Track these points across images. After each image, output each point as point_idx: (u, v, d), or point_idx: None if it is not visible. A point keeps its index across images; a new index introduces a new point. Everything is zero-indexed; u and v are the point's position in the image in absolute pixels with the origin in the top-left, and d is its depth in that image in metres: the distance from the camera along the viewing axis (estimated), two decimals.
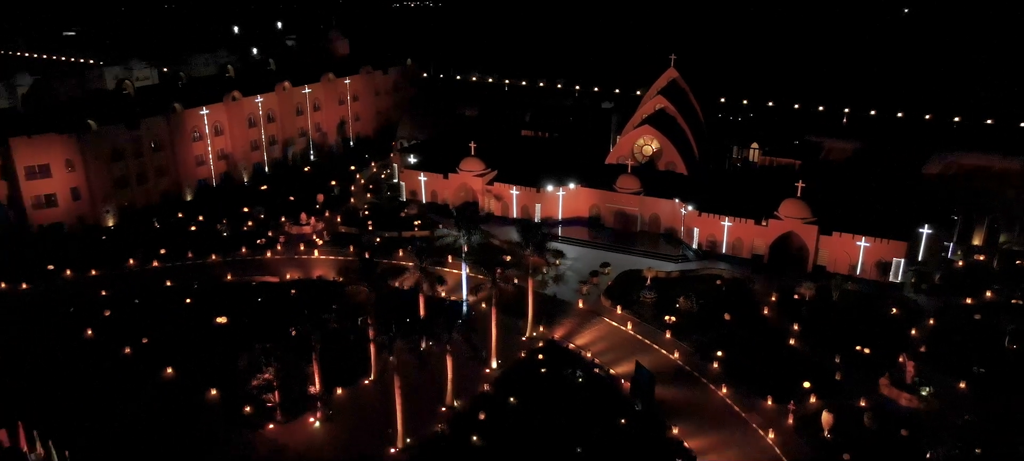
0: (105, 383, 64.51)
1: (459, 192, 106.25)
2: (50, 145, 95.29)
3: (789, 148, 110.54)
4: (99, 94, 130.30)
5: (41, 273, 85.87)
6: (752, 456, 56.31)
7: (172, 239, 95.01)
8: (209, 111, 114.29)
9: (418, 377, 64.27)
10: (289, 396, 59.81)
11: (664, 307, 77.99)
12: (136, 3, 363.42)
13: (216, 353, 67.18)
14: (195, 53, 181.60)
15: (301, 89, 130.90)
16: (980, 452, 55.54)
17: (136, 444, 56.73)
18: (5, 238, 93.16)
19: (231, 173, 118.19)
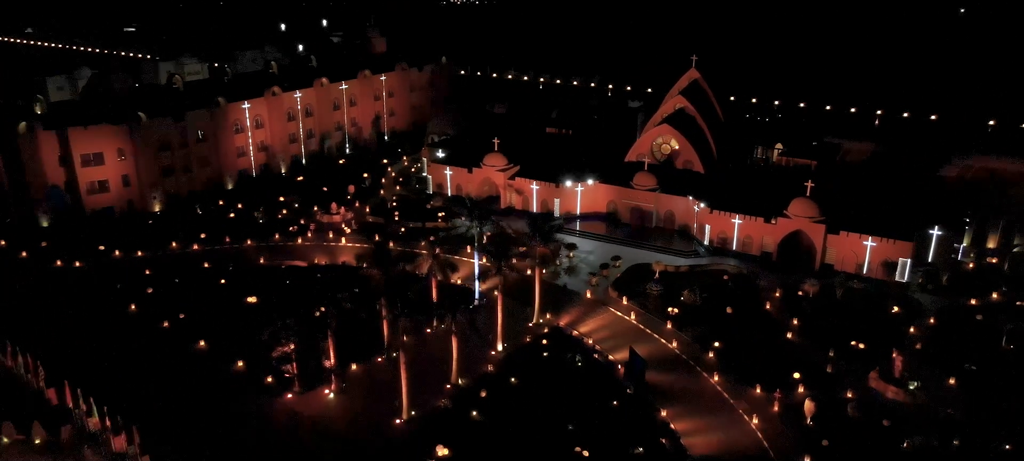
0: (144, 352, 70.81)
1: (483, 186, 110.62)
2: (103, 135, 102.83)
3: (807, 149, 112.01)
4: (151, 88, 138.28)
5: (93, 253, 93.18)
6: (734, 439, 59.38)
7: (212, 225, 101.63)
8: (250, 105, 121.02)
9: (427, 356, 69.22)
10: (306, 369, 65.03)
11: (669, 299, 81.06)
12: (191, 1, 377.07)
13: (244, 329, 72.75)
14: (242, 49, 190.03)
15: (338, 85, 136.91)
16: (958, 444, 57.57)
17: (168, 405, 62.52)
18: (62, 220, 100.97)
19: (270, 164, 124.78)
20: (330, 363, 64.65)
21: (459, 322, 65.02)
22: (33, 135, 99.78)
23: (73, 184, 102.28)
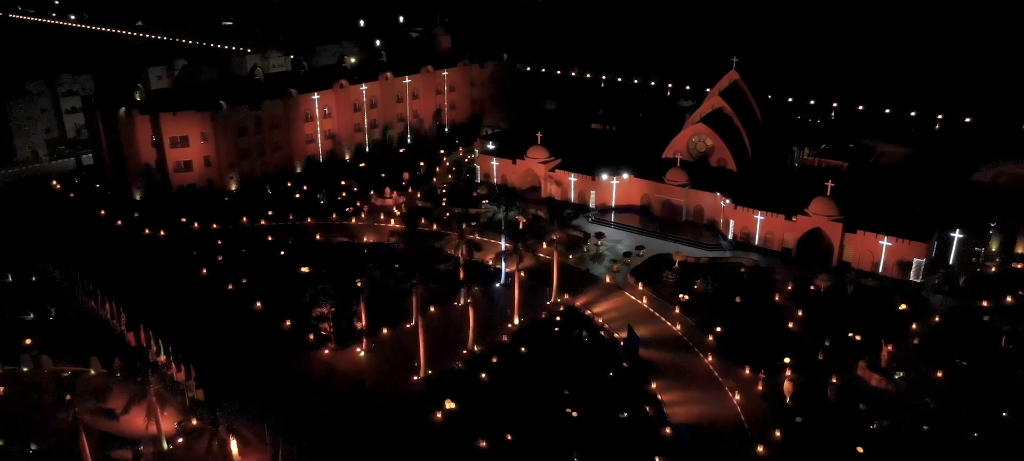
0: (209, 308, 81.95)
1: (525, 177, 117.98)
2: (189, 120, 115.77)
3: (841, 151, 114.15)
4: (235, 79, 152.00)
5: (175, 224, 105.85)
6: (715, 412, 64.90)
7: (278, 203, 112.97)
8: (319, 96, 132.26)
9: (450, 324, 77.37)
10: (342, 329, 74.25)
11: (684, 288, 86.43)
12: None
13: (295, 294, 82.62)
14: (323, 44, 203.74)
15: (402, 79, 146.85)
16: (926, 429, 61.30)
17: (225, 354, 72.90)
18: (152, 195, 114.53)
19: (335, 151, 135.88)
20: (361, 325, 73.60)
21: (476, 295, 72.84)
22: (131, 119, 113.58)
23: (162, 163, 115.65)
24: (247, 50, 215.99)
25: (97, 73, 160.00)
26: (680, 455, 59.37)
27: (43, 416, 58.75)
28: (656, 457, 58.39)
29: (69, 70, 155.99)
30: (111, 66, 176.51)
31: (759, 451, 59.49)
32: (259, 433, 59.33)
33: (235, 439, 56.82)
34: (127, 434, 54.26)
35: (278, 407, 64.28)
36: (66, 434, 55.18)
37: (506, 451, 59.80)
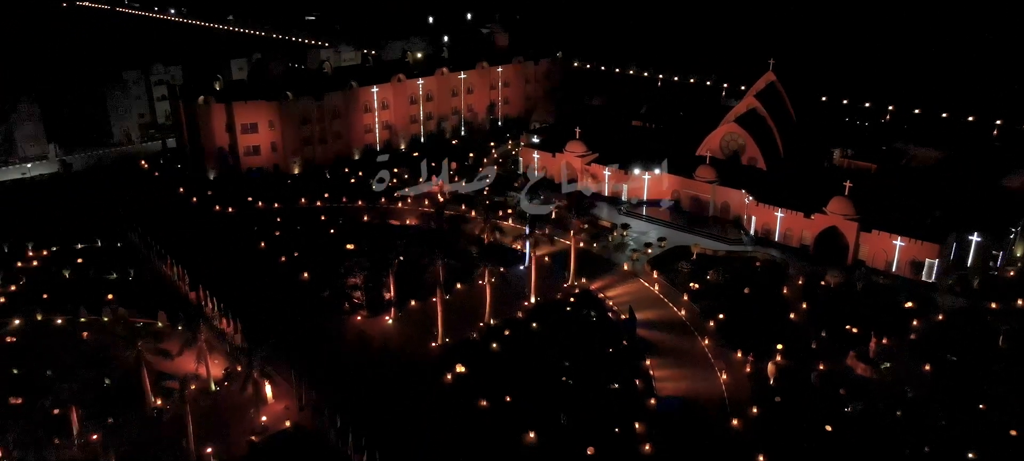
0: (262, 276, 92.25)
1: (564, 169, 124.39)
2: (259, 109, 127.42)
3: (870, 152, 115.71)
4: (304, 71, 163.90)
5: (243, 202, 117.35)
6: (700, 388, 70.20)
7: (335, 187, 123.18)
8: (378, 89, 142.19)
9: (473, 299, 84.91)
10: (374, 300, 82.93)
11: (697, 277, 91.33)
12: None
13: (337, 268, 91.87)
14: (391, 39, 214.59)
15: (457, 75, 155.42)
16: (899, 414, 64.99)
17: (272, 315, 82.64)
18: (224, 175, 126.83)
19: (392, 140, 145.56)
20: (389, 295, 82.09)
21: (494, 274, 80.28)
22: (208, 107, 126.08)
23: (234, 147, 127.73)
24: (323, 44, 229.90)
25: (186, 64, 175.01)
26: (661, 424, 65.09)
27: (114, 356, 69.38)
28: (636, 423, 64.29)
29: (162, 61, 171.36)
30: (199, 57, 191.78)
31: (734, 424, 64.58)
32: (290, 381, 68.48)
33: (268, 383, 66.09)
34: (180, 374, 64.04)
35: (311, 362, 73.35)
36: (131, 370, 65.56)
37: (503, 411, 66.85)
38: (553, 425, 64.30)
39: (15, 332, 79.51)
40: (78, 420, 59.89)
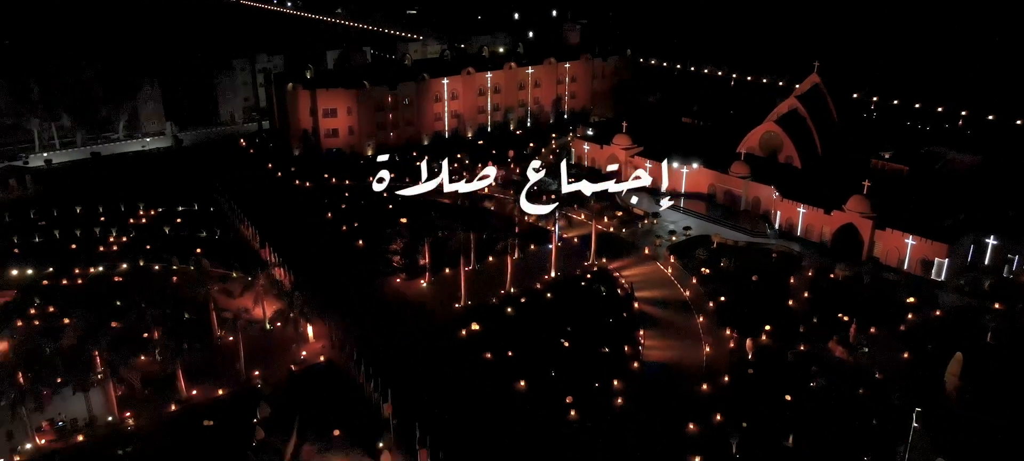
0: (323, 243, 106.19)
1: (610, 161, 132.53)
2: (338, 96, 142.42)
3: (905, 155, 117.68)
4: (386, 61, 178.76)
5: (320, 178, 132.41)
6: (684, 357, 77.87)
7: (401, 169, 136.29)
8: (448, 81, 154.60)
9: (499, 271, 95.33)
10: (411, 264, 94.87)
11: (712, 264, 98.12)
12: None
13: (388, 238, 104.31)
14: (477, 34, 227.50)
15: (524, 69, 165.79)
16: (861, 392, 70.65)
17: (326, 274, 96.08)
18: (306, 154, 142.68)
19: (459, 129, 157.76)
20: (424, 262, 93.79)
21: (514, 249, 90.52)
22: (295, 92, 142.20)
23: (316, 129, 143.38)
24: (415, 37, 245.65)
25: (287, 53, 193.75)
26: (641, 384, 73.51)
27: (192, 295, 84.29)
28: (616, 380, 73.02)
29: (267, 51, 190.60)
30: (300, 48, 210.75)
31: (703, 388, 72.20)
32: (328, 326, 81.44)
33: (309, 324, 79.19)
34: (238, 311, 78.07)
35: (351, 312, 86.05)
36: (202, 307, 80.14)
37: (504, 363, 77.01)
38: (543, 378, 73.97)
39: (122, 273, 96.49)
40: (160, 341, 74.64)
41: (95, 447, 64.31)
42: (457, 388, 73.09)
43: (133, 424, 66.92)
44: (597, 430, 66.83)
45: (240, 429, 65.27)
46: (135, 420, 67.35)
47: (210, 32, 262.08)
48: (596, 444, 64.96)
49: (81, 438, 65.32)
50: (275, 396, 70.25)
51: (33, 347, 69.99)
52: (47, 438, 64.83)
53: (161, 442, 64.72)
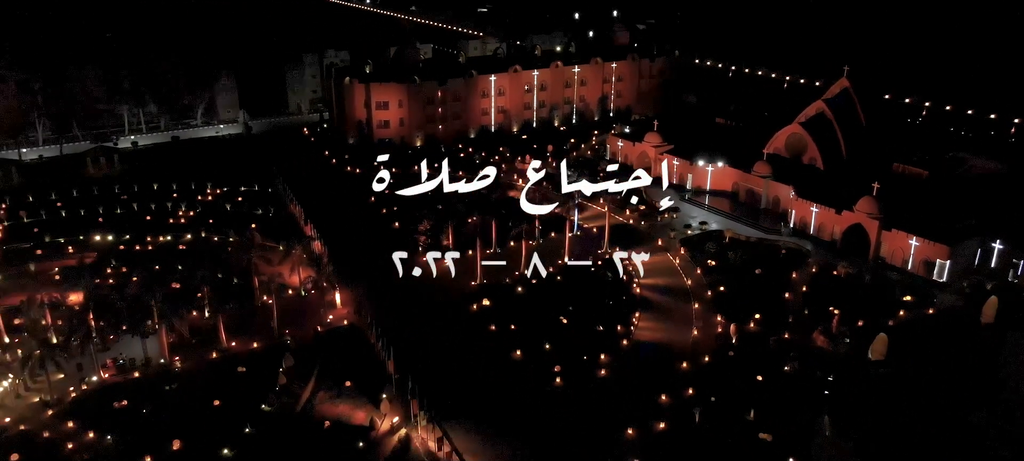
0: (364, 223, 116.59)
1: (641, 158, 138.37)
2: (390, 90, 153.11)
3: (925, 160, 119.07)
4: (441, 57, 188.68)
5: (370, 165, 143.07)
6: (672, 338, 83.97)
7: (447, 159, 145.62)
8: (496, 78, 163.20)
9: (517, 255, 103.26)
10: (436, 244, 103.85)
11: (720, 257, 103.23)
12: None
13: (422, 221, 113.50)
14: (536, 33, 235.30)
15: (571, 68, 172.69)
16: (830, 379, 75.28)
17: (363, 248, 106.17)
18: (360, 143, 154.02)
19: (504, 124, 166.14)
20: (447, 242, 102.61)
21: (525, 234, 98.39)
22: (351, 85, 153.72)
23: (369, 120, 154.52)
24: (477, 34, 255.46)
25: (353, 49, 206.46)
26: (632, 361, 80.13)
27: (237, 262, 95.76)
28: (603, 355, 79.89)
29: (334, 46, 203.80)
30: (366, 43, 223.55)
31: (683, 366, 78.26)
32: (355, 295, 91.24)
33: (338, 291, 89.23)
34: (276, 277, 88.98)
35: (379, 283, 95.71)
36: (246, 272, 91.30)
37: (506, 335, 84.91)
38: (538, 350, 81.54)
39: (185, 243, 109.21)
40: (208, 301, 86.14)
41: (147, 383, 75.77)
42: (459, 353, 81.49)
43: (179, 366, 78.21)
44: (577, 397, 73.99)
45: (267, 376, 75.65)
46: (181, 363, 78.66)
47: (287, 27, 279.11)
48: (573, 408, 72.14)
49: (136, 374, 76.99)
50: (300, 350, 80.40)
51: (105, 299, 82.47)
52: (110, 372, 76.73)
53: (200, 382, 75.70)
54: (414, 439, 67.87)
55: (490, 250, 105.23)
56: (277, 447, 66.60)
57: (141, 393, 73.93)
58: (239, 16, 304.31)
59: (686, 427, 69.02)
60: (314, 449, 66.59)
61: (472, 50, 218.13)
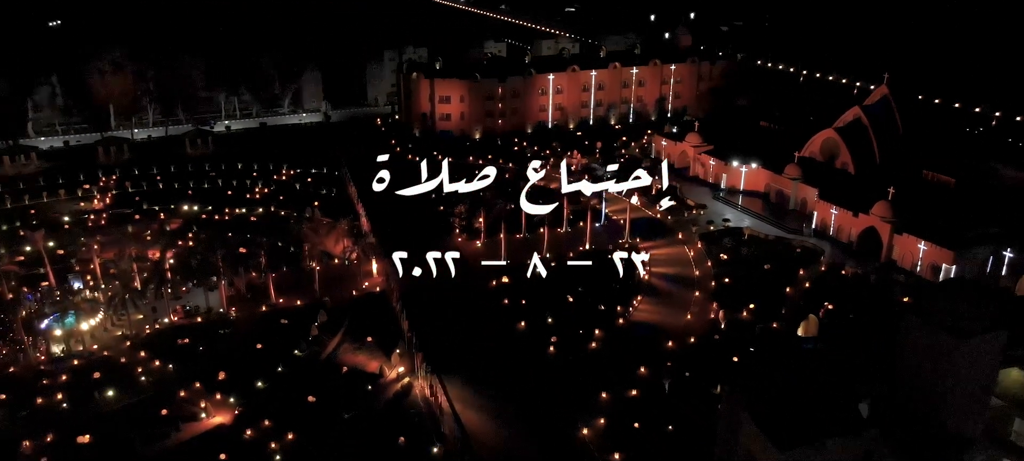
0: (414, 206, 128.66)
1: (681, 157, 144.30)
2: (453, 85, 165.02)
3: (952, 168, 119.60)
4: (507, 56, 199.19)
5: (430, 154, 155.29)
6: (666, 320, 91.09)
7: (500, 151, 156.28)
8: (554, 77, 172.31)
9: (544, 239, 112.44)
10: (470, 227, 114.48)
11: (734, 252, 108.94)
12: None
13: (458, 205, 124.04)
14: (611, 34, 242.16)
15: (629, 69, 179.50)
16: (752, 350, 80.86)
17: (404, 228, 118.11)
18: (424, 134, 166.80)
19: (561, 121, 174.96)
20: (478, 224, 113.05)
21: (548, 221, 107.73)
22: (417, 80, 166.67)
23: (433, 113, 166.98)
24: (555, 32, 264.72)
25: (431, 46, 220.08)
26: (627, 339, 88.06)
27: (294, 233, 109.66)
28: (597, 330, 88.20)
29: (414, 43, 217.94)
30: (446, 40, 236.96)
31: (669, 345, 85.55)
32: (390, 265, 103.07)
33: (375, 261, 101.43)
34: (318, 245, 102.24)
35: (413, 258, 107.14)
36: (298, 241, 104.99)
37: (517, 308, 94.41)
38: (540, 322, 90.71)
39: (258, 216, 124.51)
40: (265, 263, 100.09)
41: (207, 327, 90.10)
42: (469, 322, 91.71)
43: (234, 315, 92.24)
44: (566, 365, 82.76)
45: (303, 328, 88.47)
46: (236, 313, 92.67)
47: (378, 23, 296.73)
48: (560, 375, 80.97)
49: (199, 320, 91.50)
50: (335, 310, 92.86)
51: (181, 257, 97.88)
52: (177, 316, 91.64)
53: (249, 329, 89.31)
54: (415, 386, 78.75)
55: (519, 235, 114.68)
56: (302, 385, 78.90)
57: (200, 335, 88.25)
58: (333, 11, 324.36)
59: (655, 395, 76.63)
60: (331, 389, 78.47)
61: (545, 49, 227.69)
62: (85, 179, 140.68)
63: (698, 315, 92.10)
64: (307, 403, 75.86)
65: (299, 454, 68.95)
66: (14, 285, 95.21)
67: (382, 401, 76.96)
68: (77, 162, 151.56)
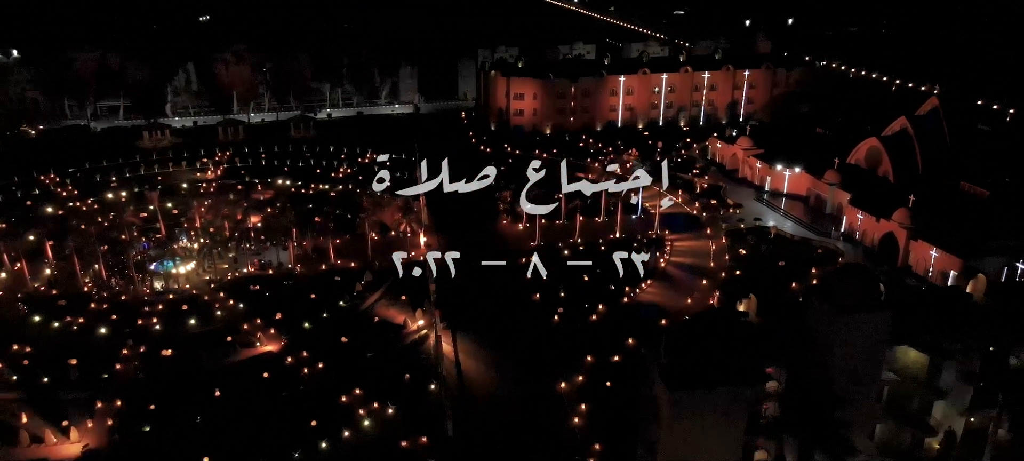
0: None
1: (732, 159, 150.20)
2: (527, 83, 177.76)
3: (986, 181, 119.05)
4: (579, 58, 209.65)
5: (500, 147, 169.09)
6: (669, 302, 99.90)
7: (565, 146, 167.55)
8: (625, 79, 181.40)
9: (581, 225, 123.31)
10: (512, 211, 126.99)
11: (755, 248, 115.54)
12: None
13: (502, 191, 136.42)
14: (700, 37, 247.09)
15: (701, 73, 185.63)
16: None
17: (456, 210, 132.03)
18: (499, 128, 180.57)
19: (631, 121, 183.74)
20: (521, 210, 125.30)
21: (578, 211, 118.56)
22: (495, 78, 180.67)
23: (508, 109, 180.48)
24: (649, 33, 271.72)
25: (521, 44, 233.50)
26: (631, 316, 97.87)
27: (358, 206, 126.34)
28: (600, 305, 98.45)
29: (506, 42, 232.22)
30: (537, 40, 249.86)
31: (662, 323, 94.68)
32: (439, 238, 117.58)
33: (423, 233, 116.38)
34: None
35: (462, 236, 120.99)
36: (359, 212, 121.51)
37: (539, 284, 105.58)
38: (553, 295, 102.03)
39: (336, 191, 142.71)
40: (330, 229, 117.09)
41: (275, 278, 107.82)
42: (492, 291, 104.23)
43: (299, 271, 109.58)
44: (567, 333, 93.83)
45: (350, 285, 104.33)
46: (301, 269, 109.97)
47: (481, 21, 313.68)
48: (560, 340, 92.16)
49: (270, 272, 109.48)
50: (381, 272, 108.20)
51: (267, 221, 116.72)
52: (254, 268, 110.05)
53: (308, 283, 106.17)
54: (431, 338, 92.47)
55: (558, 221, 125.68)
56: (339, 329, 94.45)
57: (269, 284, 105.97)
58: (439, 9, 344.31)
59: (635, 362, 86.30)
60: (362, 334, 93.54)
61: (635, 52, 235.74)
62: (204, 154, 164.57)
63: (698, 300, 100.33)
64: (340, 343, 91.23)
65: (324, 379, 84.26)
66: (136, 235, 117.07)
67: (400, 347, 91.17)
68: (201, 139, 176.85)
